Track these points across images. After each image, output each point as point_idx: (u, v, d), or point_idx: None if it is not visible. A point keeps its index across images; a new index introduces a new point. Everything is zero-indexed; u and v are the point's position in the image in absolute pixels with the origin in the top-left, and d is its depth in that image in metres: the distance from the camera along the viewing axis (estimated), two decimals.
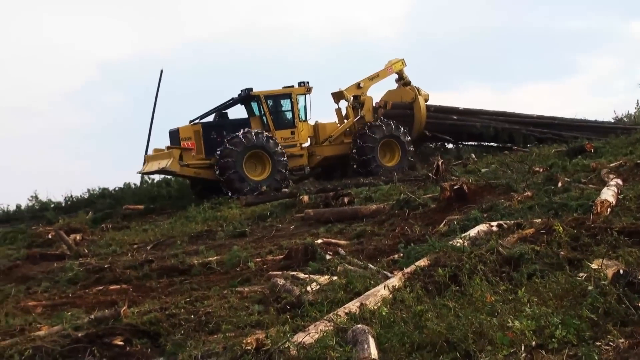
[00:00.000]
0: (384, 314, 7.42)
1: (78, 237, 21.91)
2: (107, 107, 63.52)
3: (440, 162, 22.01)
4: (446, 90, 70.87)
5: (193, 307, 9.79)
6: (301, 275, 10.89)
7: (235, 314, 9.09)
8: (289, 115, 29.95)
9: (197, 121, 28.90)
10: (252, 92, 29.42)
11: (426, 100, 33.20)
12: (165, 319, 9.15)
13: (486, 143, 35.15)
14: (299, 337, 6.96)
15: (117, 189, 33.73)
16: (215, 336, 8.27)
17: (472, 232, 10.80)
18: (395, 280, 8.75)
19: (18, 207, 32.48)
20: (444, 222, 13.53)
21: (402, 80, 33.49)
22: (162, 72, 28.37)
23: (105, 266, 14.86)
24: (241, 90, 29.68)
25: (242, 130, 27.78)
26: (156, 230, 21.65)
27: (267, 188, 26.49)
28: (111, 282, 13.62)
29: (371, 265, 10.70)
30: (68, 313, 10.81)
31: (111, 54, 68.25)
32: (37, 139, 61.37)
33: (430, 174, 21.95)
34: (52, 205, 31.99)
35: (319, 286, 9.69)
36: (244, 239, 17.68)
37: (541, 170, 19.80)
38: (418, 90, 32.99)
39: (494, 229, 10.94)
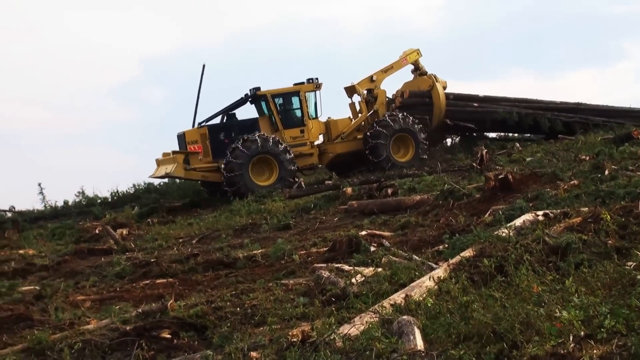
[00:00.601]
0: (429, 305, 7.40)
1: (124, 231, 22.12)
2: (151, 103, 64.13)
3: (484, 152, 21.84)
4: (487, 78, 70.13)
5: (239, 299, 9.86)
6: (346, 267, 10.90)
7: (280, 307, 9.14)
8: (298, 113, 29.12)
9: (203, 123, 28.47)
10: (260, 91, 28.82)
11: (444, 88, 32.31)
12: (212, 312, 9.23)
13: (510, 134, 34.20)
14: (345, 329, 6.97)
15: (162, 183, 34.00)
16: (261, 328, 8.33)
17: (518, 221, 10.70)
18: (440, 271, 8.72)
19: (65, 203, 32.86)
20: (488, 212, 13.43)
21: (419, 71, 32.48)
22: (204, 66, 28.39)
23: (152, 260, 15.01)
24: (249, 90, 29.18)
25: (246, 136, 27.04)
26: (201, 224, 21.79)
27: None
28: (158, 276, 13.74)
29: (416, 257, 10.68)
30: (116, 307, 10.94)
31: (153, 50, 68.85)
32: (82, 136, 62.14)
33: (474, 164, 21.80)
34: (99, 201, 32.31)
35: (363, 278, 9.70)
36: (288, 231, 17.73)
37: (587, 158, 19.56)
38: (435, 77, 32.10)
39: (540, 218, 10.82)
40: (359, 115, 30.93)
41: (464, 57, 68.80)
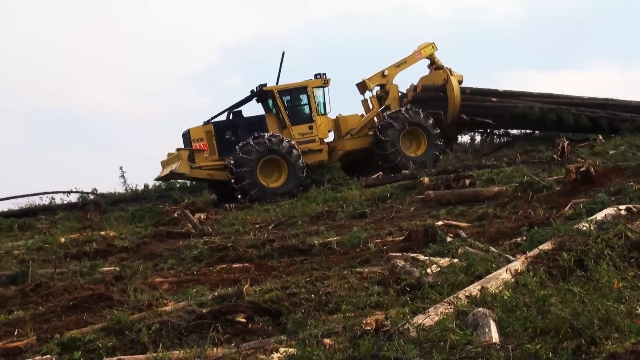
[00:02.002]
0: (505, 298, 7.31)
1: (202, 216, 22.45)
2: (230, 89, 64.82)
3: (565, 144, 21.42)
4: (568, 68, 68.70)
5: (313, 286, 9.89)
6: (421, 257, 10.84)
7: (355, 295, 9.14)
8: (306, 109, 28.39)
9: (209, 121, 27.81)
10: (265, 87, 28.12)
11: (460, 82, 30.93)
12: (286, 297, 9.27)
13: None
14: (419, 319, 6.94)
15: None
16: (335, 316, 8.34)
17: (599, 215, 10.48)
18: (517, 264, 8.61)
19: (146, 186, 33.51)
20: (569, 206, 13.18)
21: (434, 65, 31.20)
22: (284, 53, 28.45)
23: (229, 245, 15.18)
24: (255, 87, 28.47)
25: (253, 137, 26.39)
26: (277, 210, 21.96)
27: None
28: (234, 261, 13.89)
29: (493, 248, 10.55)
30: (193, 290, 11.09)
31: (233, 37, 69.57)
32: (163, 121, 63.35)
33: (555, 156, 21.42)
34: (178, 185, 32.77)
35: (439, 268, 9.64)
36: (364, 219, 17.71)
37: None
38: (450, 71, 30.77)
39: (623, 212, 10.59)
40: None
41: (545, 46, 67.53)
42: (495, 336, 6.23)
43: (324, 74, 28.64)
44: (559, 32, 69.73)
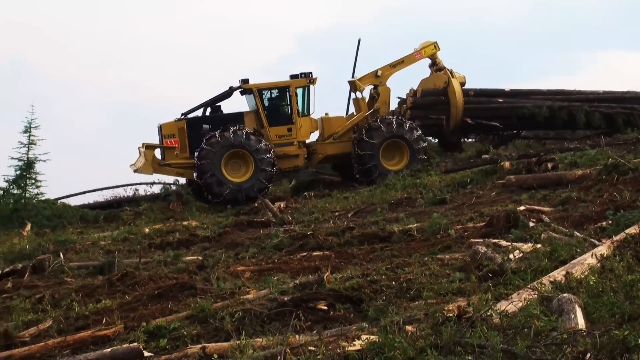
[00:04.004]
0: (591, 283, 7.18)
1: (282, 205, 22.60)
2: None
3: None
4: None
5: (394, 273, 9.88)
6: (503, 242, 10.74)
7: (436, 281, 9.10)
8: (286, 110, 26.86)
9: (183, 116, 26.69)
10: (247, 83, 26.66)
11: (463, 84, 29.37)
12: (367, 285, 9.28)
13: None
14: (502, 305, 6.87)
15: None
16: (417, 302, 8.32)
17: None
18: (603, 249, 8.44)
19: None
20: None
21: (436, 66, 29.50)
22: (359, 40, 28.30)
23: (309, 233, 15.25)
24: (239, 82, 27.16)
25: (219, 129, 25.35)
26: (356, 197, 21.95)
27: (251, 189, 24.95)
28: (314, 249, 13.96)
29: (577, 233, 10.37)
30: (274, 278, 11.18)
31: (308, 26, 69.80)
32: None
33: None
34: None
35: (521, 254, 9.52)
36: (444, 206, 17.57)
37: None
38: (451, 73, 29.13)
39: None
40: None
41: (629, 26, 65.77)
42: (581, 322, 6.12)
43: (310, 72, 27.32)
44: None
